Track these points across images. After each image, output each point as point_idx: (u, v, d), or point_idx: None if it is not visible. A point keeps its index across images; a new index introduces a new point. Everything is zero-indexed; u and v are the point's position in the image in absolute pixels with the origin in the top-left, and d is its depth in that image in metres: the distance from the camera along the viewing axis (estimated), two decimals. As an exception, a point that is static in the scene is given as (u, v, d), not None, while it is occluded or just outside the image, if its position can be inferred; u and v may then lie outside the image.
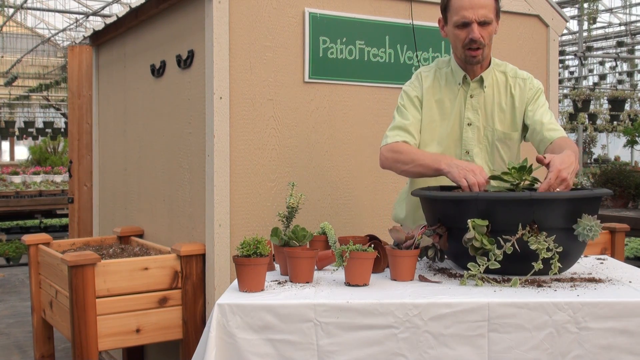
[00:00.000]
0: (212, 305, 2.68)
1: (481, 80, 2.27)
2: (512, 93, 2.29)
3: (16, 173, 10.61)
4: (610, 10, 14.14)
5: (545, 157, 1.92)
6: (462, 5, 2.15)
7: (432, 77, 2.32)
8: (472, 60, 2.21)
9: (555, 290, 1.73)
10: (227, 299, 1.71)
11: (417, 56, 3.16)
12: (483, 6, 2.14)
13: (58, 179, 10.30)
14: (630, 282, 1.85)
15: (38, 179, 10.23)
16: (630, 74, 17.26)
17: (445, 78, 2.31)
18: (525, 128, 2.33)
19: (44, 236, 3.30)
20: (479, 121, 2.27)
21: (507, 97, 2.29)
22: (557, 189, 1.88)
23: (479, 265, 1.79)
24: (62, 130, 16.52)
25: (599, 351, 1.62)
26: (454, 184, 2.27)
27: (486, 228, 1.81)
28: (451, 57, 2.32)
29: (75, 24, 11.20)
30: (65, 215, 8.52)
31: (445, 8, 2.22)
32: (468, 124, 2.27)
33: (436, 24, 3.21)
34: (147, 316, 2.73)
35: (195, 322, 2.80)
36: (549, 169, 1.89)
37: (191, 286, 2.80)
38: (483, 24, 2.15)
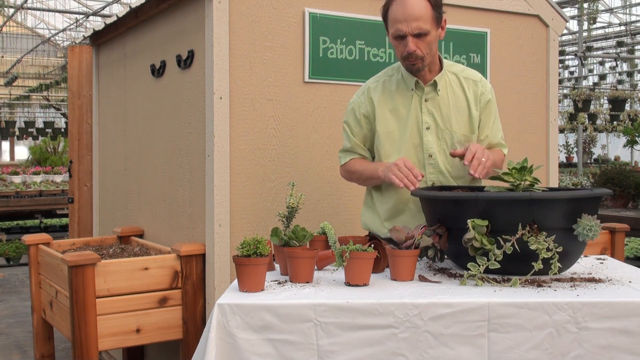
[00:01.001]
0: (212, 305, 2.68)
1: (435, 84, 2.27)
2: (466, 95, 2.29)
3: (16, 173, 10.62)
4: (610, 10, 14.14)
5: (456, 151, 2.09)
6: (397, 18, 2.13)
7: (381, 88, 2.32)
8: (411, 69, 2.22)
9: (555, 290, 1.73)
10: (227, 299, 1.71)
11: (417, 56, 3.16)
12: (417, 18, 2.11)
13: (58, 179, 10.31)
14: (630, 282, 1.85)
15: (38, 179, 10.24)
16: (630, 74, 17.27)
17: (397, 84, 2.30)
18: None
19: (44, 236, 3.30)
20: (435, 124, 2.27)
21: (461, 98, 2.29)
22: (475, 172, 2.02)
23: (479, 265, 1.80)
24: (62, 130, 16.54)
25: (598, 351, 1.62)
26: (453, 184, 2.28)
27: (486, 228, 1.82)
28: (401, 64, 2.31)
29: (75, 24, 11.21)
30: (66, 215, 8.52)
31: (384, 20, 2.21)
32: (427, 128, 2.27)
33: (436, 24, 3.22)
34: (147, 316, 2.73)
35: (195, 322, 2.80)
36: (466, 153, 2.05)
37: (191, 286, 2.80)
38: (418, 35, 2.13)
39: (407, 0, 2.11)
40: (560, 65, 16.58)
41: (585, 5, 10.58)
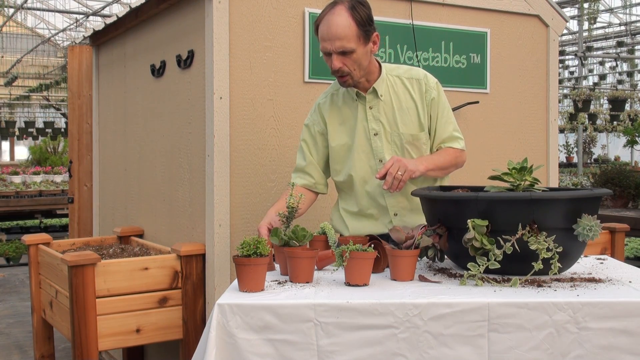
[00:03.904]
0: (212, 305, 2.68)
1: (374, 91, 2.30)
2: (412, 95, 2.32)
3: (16, 173, 10.62)
4: (610, 10, 14.14)
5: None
6: (322, 36, 2.18)
7: (329, 104, 2.37)
8: (343, 84, 2.26)
9: (555, 290, 1.73)
10: (227, 299, 1.71)
11: (417, 56, 3.16)
12: (339, 38, 2.14)
13: (58, 179, 10.31)
14: (630, 282, 1.85)
15: (38, 179, 10.24)
16: (630, 74, 17.27)
17: (343, 98, 2.35)
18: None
19: (44, 236, 3.30)
20: (383, 129, 2.30)
21: (406, 99, 2.32)
22: (389, 187, 2.07)
23: (479, 265, 1.79)
24: (62, 130, 16.54)
25: (599, 351, 1.62)
26: (454, 185, 2.28)
27: (486, 228, 1.81)
28: None
29: (75, 24, 11.21)
30: (65, 215, 8.52)
31: (316, 35, 2.24)
32: (374, 134, 2.30)
33: (436, 24, 3.23)
34: (147, 316, 2.73)
35: (195, 322, 2.80)
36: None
37: (191, 286, 2.80)
38: (343, 53, 2.17)
39: (332, 20, 2.15)
40: (560, 65, 16.58)
41: (586, 5, 10.58)
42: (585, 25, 11.66)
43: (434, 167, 2.22)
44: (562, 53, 15.01)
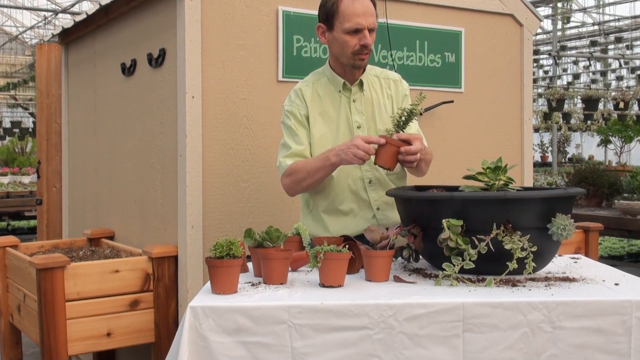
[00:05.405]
0: (184, 307, 2.64)
1: (361, 84, 2.33)
2: (387, 94, 2.37)
3: (-17, 174, 10.43)
4: (583, 10, 14.34)
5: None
6: (355, 12, 2.18)
7: (310, 91, 2.34)
8: (360, 64, 2.27)
9: (530, 290, 1.73)
10: (199, 301, 1.68)
11: (391, 55, 3.15)
12: (372, 14, 2.22)
13: (26, 180, 10.15)
14: (603, 281, 1.86)
15: (5, 180, 10.07)
16: (603, 74, 17.53)
17: (324, 88, 2.34)
18: None
19: (11, 239, 3.23)
20: (365, 123, 2.32)
21: (383, 97, 2.36)
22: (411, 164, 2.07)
23: (454, 265, 1.79)
24: (30, 130, 16.28)
25: (573, 350, 1.63)
26: (429, 185, 2.28)
27: (461, 228, 1.81)
28: (326, 67, 2.35)
29: (44, 22, 11.05)
30: (34, 217, 8.37)
31: (332, 15, 2.22)
32: (357, 127, 2.31)
33: (411, 23, 3.23)
34: (118, 319, 2.68)
35: (167, 325, 2.76)
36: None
37: (163, 289, 2.75)
38: (371, 30, 2.22)
39: None
40: (535, 64, 16.77)
41: (559, 4, 10.71)
42: (559, 25, 11.82)
43: (426, 161, 2.25)
44: (536, 52, 15.17)
